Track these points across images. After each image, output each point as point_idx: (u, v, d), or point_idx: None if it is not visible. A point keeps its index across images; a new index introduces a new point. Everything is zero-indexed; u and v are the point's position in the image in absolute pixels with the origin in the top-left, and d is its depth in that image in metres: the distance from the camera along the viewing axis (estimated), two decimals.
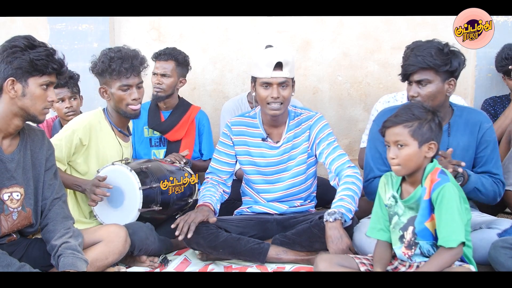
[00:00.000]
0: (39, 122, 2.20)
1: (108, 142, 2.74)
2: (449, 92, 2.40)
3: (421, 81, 2.37)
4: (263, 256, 2.55)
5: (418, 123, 1.99)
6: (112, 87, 2.68)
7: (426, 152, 2.00)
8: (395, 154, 2.01)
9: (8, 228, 2.16)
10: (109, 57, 2.65)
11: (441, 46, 2.36)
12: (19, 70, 2.05)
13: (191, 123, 3.42)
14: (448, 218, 1.93)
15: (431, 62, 2.32)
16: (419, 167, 2.02)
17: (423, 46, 2.37)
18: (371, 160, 2.58)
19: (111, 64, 2.63)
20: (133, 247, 2.50)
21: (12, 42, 2.07)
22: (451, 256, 1.93)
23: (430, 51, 2.33)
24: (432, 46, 2.35)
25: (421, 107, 2.04)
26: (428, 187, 1.99)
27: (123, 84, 2.66)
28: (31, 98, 2.09)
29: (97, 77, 2.73)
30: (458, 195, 1.97)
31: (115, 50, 2.68)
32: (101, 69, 2.65)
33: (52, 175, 2.31)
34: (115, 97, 2.69)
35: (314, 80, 4.09)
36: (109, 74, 2.65)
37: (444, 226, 1.93)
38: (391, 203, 2.12)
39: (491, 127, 2.50)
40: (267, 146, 2.73)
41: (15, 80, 2.06)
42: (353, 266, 2.12)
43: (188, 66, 3.42)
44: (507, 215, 3.24)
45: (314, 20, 4.02)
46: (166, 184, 2.66)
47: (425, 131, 1.99)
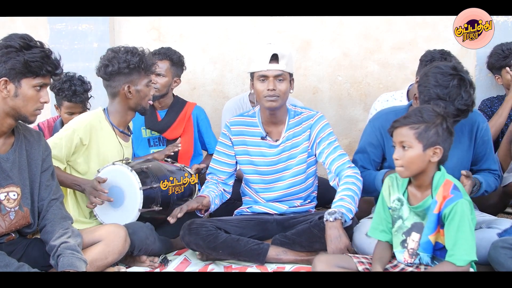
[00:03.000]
0: (29, 123, 2.19)
1: (109, 142, 2.74)
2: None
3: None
4: (263, 257, 2.55)
5: (425, 126, 1.97)
6: (138, 84, 2.69)
7: (430, 156, 1.98)
8: (399, 155, 2.00)
9: (6, 227, 2.16)
10: (139, 53, 2.67)
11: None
12: (12, 71, 2.04)
13: (188, 119, 3.42)
14: (460, 236, 1.92)
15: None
16: (422, 170, 2.00)
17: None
18: (358, 157, 2.67)
19: (143, 60, 2.66)
20: (133, 247, 2.50)
21: (8, 42, 2.06)
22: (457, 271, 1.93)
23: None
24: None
25: (431, 111, 2.01)
26: (439, 201, 1.97)
27: (150, 81, 2.74)
28: (23, 99, 2.09)
29: (117, 77, 2.67)
30: (470, 211, 1.96)
31: (133, 49, 2.68)
32: (136, 65, 2.65)
33: (49, 176, 2.31)
34: (141, 94, 2.71)
35: (314, 80, 4.08)
36: (142, 71, 2.67)
37: (455, 244, 1.93)
38: (395, 206, 2.11)
39: (487, 126, 2.56)
40: (266, 145, 2.73)
41: (8, 80, 2.06)
42: (351, 267, 2.11)
43: (183, 66, 3.40)
44: (507, 215, 3.25)
45: (314, 20, 4.02)
46: (166, 184, 2.66)
47: (431, 135, 1.97)
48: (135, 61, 2.65)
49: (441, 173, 2.02)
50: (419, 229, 2.04)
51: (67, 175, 2.60)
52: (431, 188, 2.01)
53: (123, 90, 2.68)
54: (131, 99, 2.71)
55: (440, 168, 2.03)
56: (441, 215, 1.97)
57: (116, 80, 2.68)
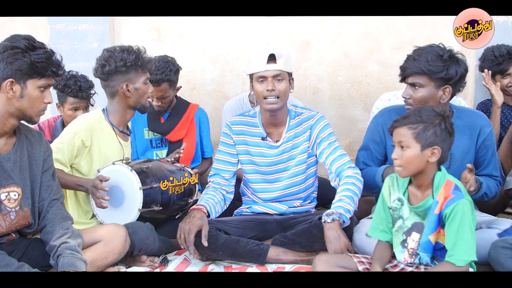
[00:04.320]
0: (34, 123, 2.20)
1: (109, 142, 2.74)
2: (442, 99, 2.40)
3: (414, 84, 2.39)
4: (263, 258, 2.54)
5: (423, 126, 1.97)
6: (136, 82, 2.69)
7: (428, 157, 1.98)
8: (398, 155, 2.01)
9: (6, 227, 2.16)
10: (135, 51, 2.67)
11: (441, 52, 2.35)
12: (18, 72, 2.05)
13: (191, 121, 3.42)
14: (460, 236, 1.92)
15: (426, 68, 2.33)
16: (421, 170, 2.01)
17: (424, 51, 2.38)
18: (360, 154, 2.67)
19: (139, 58, 2.67)
20: (133, 247, 2.50)
21: (13, 43, 2.06)
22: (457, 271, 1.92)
23: (427, 57, 2.34)
24: (432, 51, 2.36)
25: (431, 111, 2.01)
26: (440, 202, 1.97)
27: (147, 78, 2.74)
28: (29, 100, 2.10)
29: (114, 76, 2.66)
30: (471, 211, 1.96)
31: (128, 47, 2.69)
32: (132, 63, 2.65)
33: (50, 176, 2.31)
34: (139, 92, 2.71)
35: (314, 80, 4.08)
36: (139, 68, 2.67)
37: (454, 244, 1.93)
38: (396, 206, 2.11)
39: (491, 131, 2.51)
40: (266, 146, 2.73)
41: (14, 81, 2.06)
42: (352, 266, 2.12)
43: (179, 72, 3.31)
44: (507, 215, 3.25)
45: (314, 20, 4.02)
46: (166, 184, 2.66)
47: (429, 135, 1.97)
48: (131, 59, 2.65)
49: (441, 173, 2.02)
50: (419, 229, 2.04)
51: (71, 177, 2.60)
52: (432, 188, 2.01)
53: (122, 89, 2.68)
54: (130, 97, 2.71)
55: (440, 168, 2.03)
56: (442, 215, 1.97)
57: (114, 80, 2.68)
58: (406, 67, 2.39)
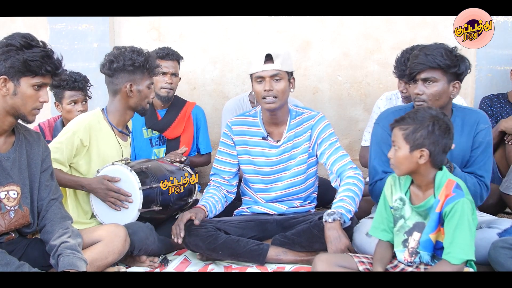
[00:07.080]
0: (28, 122, 2.19)
1: (108, 142, 2.74)
2: (453, 95, 2.39)
3: (428, 79, 2.34)
4: (263, 257, 2.55)
5: (413, 127, 1.98)
6: (140, 84, 2.70)
7: (417, 158, 1.98)
8: (391, 155, 2.05)
9: (6, 226, 2.16)
10: (145, 54, 2.69)
11: (450, 49, 2.36)
12: (11, 69, 2.05)
13: (188, 118, 3.46)
14: (458, 235, 1.92)
15: (441, 62, 2.32)
16: (413, 170, 2.01)
17: (433, 47, 2.37)
18: (376, 163, 2.53)
19: (148, 61, 2.68)
20: (133, 247, 2.50)
21: (9, 40, 2.07)
22: (452, 270, 1.92)
23: (440, 51, 2.33)
24: (442, 47, 2.36)
25: (425, 112, 2.01)
26: (441, 200, 1.98)
27: (152, 83, 2.75)
28: (22, 98, 2.09)
29: (120, 74, 2.66)
30: (471, 210, 1.96)
31: (139, 49, 2.70)
32: (141, 64, 2.66)
33: (49, 176, 2.31)
34: (142, 94, 2.71)
35: (314, 80, 4.08)
36: (146, 71, 2.69)
37: (451, 242, 1.93)
38: (398, 206, 2.11)
39: (487, 128, 2.45)
40: (267, 145, 2.73)
41: (7, 79, 2.07)
42: (352, 266, 2.12)
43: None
44: (507, 215, 3.25)
45: (314, 20, 4.02)
46: (166, 184, 2.66)
47: (418, 137, 1.97)
48: (140, 60, 2.66)
49: (442, 172, 2.02)
50: (421, 228, 2.04)
51: (71, 177, 2.60)
52: (434, 188, 2.01)
53: (125, 88, 2.68)
54: (131, 98, 2.71)
55: (442, 167, 2.03)
56: (442, 213, 1.97)
57: (119, 77, 2.68)
58: (419, 62, 2.35)
